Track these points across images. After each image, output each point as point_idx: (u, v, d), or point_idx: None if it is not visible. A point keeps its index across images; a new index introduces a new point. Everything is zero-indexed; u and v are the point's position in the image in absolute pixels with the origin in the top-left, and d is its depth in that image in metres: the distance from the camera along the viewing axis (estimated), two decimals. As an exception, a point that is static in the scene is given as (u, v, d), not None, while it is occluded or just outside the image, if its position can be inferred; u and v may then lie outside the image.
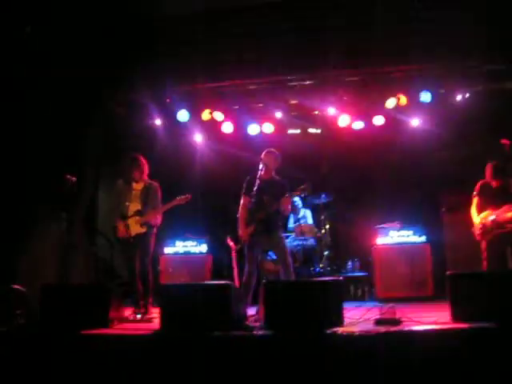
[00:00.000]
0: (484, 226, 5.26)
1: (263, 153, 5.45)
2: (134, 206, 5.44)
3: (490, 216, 5.26)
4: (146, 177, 5.59)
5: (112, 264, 7.52)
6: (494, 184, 5.44)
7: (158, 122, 7.77)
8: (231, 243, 6.13)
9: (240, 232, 5.33)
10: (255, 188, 5.25)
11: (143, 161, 5.56)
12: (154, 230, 5.55)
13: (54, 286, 4.85)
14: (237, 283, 5.84)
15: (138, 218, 5.39)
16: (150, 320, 5.05)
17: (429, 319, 4.13)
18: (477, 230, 5.36)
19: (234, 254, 6.19)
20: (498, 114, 6.71)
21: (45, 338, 4.03)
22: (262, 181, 5.32)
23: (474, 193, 5.50)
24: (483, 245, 5.33)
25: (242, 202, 5.45)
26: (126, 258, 5.49)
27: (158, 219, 5.55)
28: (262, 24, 6.40)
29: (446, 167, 7.21)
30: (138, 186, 5.53)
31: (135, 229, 5.38)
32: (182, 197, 5.45)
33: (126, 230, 5.36)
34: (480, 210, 5.39)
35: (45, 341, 3.99)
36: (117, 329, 4.36)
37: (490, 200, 5.34)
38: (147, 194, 5.49)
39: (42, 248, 6.35)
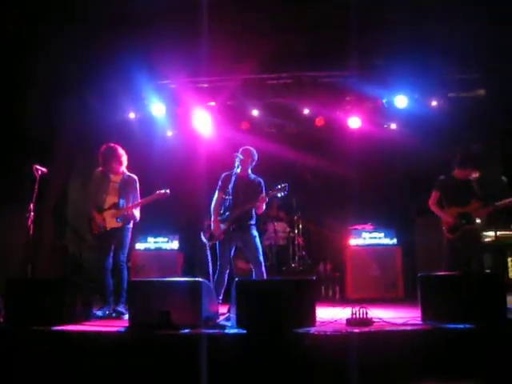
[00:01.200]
0: (455, 222, 5.34)
1: (240, 150, 5.40)
2: (111, 199, 5.21)
3: (460, 212, 5.33)
4: (124, 169, 5.38)
5: (81, 258, 7.37)
6: (457, 175, 5.47)
7: (132, 115, 7.63)
8: (205, 239, 6.04)
9: (212, 226, 5.27)
10: (230, 185, 5.20)
11: (121, 152, 5.31)
12: (131, 225, 5.33)
13: (19, 280, 4.68)
14: (211, 279, 5.80)
15: (114, 211, 5.17)
16: (119, 317, 4.94)
17: (400, 320, 4.16)
18: (448, 226, 5.42)
19: (208, 250, 6.12)
20: (471, 119, 6.84)
21: (8, 333, 3.90)
22: (238, 178, 5.29)
23: (434, 187, 5.55)
24: (448, 240, 5.40)
25: (215, 197, 5.42)
26: (98, 252, 5.25)
27: (136, 214, 5.32)
28: (239, 21, 6.34)
29: (419, 170, 7.30)
30: (115, 178, 5.29)
31: (111, 222, 5.17)
32: (162, 191, 5.22)
33: (102, 222, 5.16)
34: (441, 205, 5.47)
35: (8, 336, 3.86)
36: (84, 325, 4.25)
37: (454, 195, 5.41)
38: (125, 187, 5.26)
39: (5, 240, 6.16)
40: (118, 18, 6.24)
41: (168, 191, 5.25)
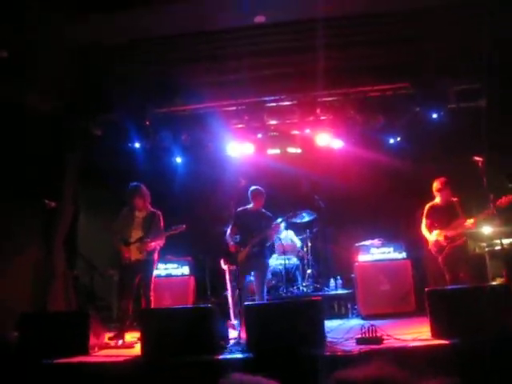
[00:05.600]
0: (438, 243, 5.76)
1: (251, 191, 5.93)
2: (136, 233, 5.60)
3: (442, 234, 5.75)
4: (148, 205, 5.75)
5: (92, 287, 7.43)
6: (441, 199, 5.87)
7: (137, 144, 7.73)
8: (226, 265, 6.15)
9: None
10: (244, 218, 5.76)
11: (146, 190, 5.76)
12: (155, 256, 5.67)
13: (32, 313, 4.78)
14: (232, 306, 5.91)
15: (139, 244, 5.54)
16: (131, 345, 4.98)
17: (410, 336, 4.16)
18: (433, 248, 5.85)
19: (228, 276, 6.18)
20: (475, 130, 6.84)
21: (21, 366, 3.95)
22: (251, 212, 5.90)
23: (423, 215, 6.02)
24: (440, 260, 5.78)
25: (229, 229, 5.78)
26: (124, 282, 5.56)
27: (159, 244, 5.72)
28: (237, 46, 6.48)
29: (425, 183, 7.30)
30: (140, 214, 5.72)
31: (135, 254, 5.52)
32: (183, 226, 5.61)
33: (128, 254, 5.50)
34: (430, 230, 5.91)
35: (21, 369, 3.91)
36: (96, 356, 4.29)
37: (439, 219, 5.87)
38: (150, 222, 5.66)
39: (18, 274, 6.23)
40: (118, 48, 6.40)
41: (184, 226, 5.65)
